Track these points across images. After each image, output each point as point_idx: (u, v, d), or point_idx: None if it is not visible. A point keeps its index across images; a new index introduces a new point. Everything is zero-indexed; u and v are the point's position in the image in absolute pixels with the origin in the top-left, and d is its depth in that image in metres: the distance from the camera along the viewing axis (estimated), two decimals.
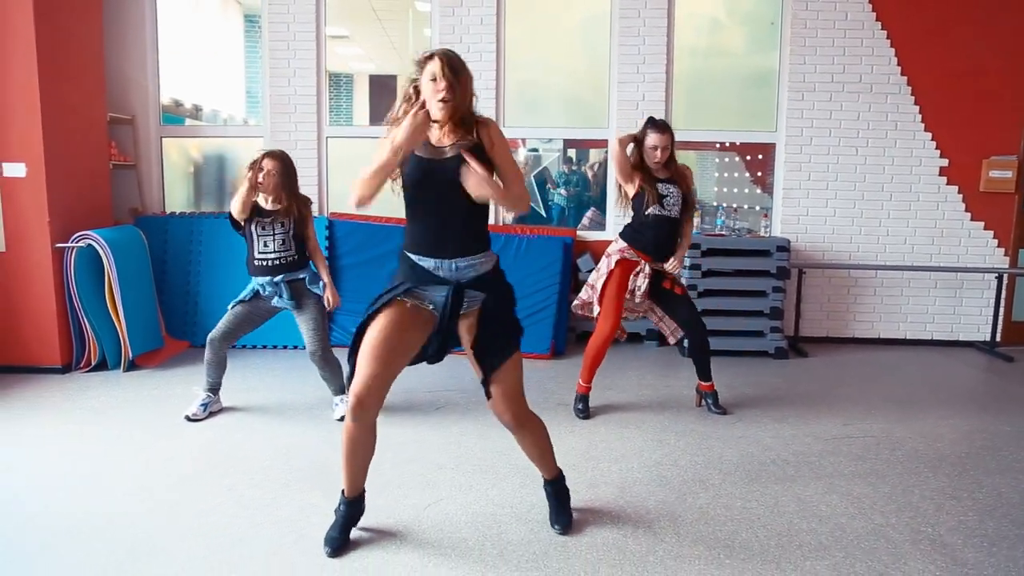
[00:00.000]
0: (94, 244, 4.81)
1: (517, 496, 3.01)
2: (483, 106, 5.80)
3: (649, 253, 4.02)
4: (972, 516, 2.92)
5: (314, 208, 5.84)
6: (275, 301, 3.90)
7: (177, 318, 5.63)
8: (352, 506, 2.66)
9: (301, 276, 3.94)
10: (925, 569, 2.51)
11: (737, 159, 6.58)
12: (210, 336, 3.98)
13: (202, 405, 3.98)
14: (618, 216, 5.95)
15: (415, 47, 7.29)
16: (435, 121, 2.40)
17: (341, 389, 4.02)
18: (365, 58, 10.08)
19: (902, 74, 5.78)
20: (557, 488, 2.79)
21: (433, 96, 2.37)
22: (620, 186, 4.10)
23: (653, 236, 3.99)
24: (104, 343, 4.87)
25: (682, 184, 4.03)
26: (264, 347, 5.56)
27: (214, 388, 4.05)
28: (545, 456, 2.76)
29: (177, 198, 6.30)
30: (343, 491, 2.66)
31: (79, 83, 5.08)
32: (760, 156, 6.46)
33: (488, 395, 2.55)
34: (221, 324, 3.97)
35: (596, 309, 4.06)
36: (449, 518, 2.82)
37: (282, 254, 3.88)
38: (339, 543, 2.59)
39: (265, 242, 3.86)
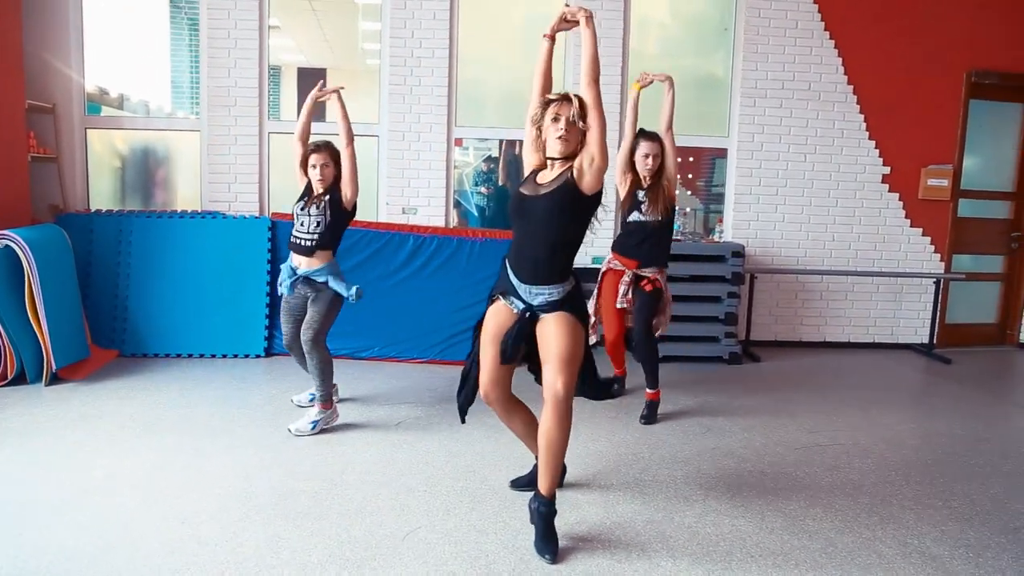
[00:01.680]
0: (12, 244, 4.37)
1: (499, 521, 2.86)
2: (435, 104, 5.66)
3: (632, 258, 4.16)
4: (952, 525, 2.94)
5: (254, 207, 5.61)
6: (284, 286, 3.86)
7: (104, 325, 5.21)
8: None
9: (323, 279, 3.80)
10: None
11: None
12: (284, 344, 4.00)
13: (311, 424, 3.74)
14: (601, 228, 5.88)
15: (361, 41, 7.02)
16: (551, 153, 2.66)
17: (325, 398, 3.78)
18: (295, 50, 9.69)
19: (848, 83, 5.91)
20: (549, 510, 2.65)
21: (553, 133, 2.62)
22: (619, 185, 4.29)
23: (631, 241, 4.16)
24: (23, 354, 4.43)
25: (659, 189, 4.12)
26: (202, 356, 5.21)
27: (327, 398, 3.81)
28: (558, 467, 2.68)
29: (102, 194, 5.84)
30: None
31: None
32: (691, 159, 6.48)
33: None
34: (282, 327, 4.00)
35: (599, 327, 4.32)
36: (432, 549, 2.64)
37: (312, 236, 3.79)
38: (523, 484, 3.08)
39: (302, 221, 3.82)
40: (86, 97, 5.59)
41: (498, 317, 2.75)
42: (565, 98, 2.63)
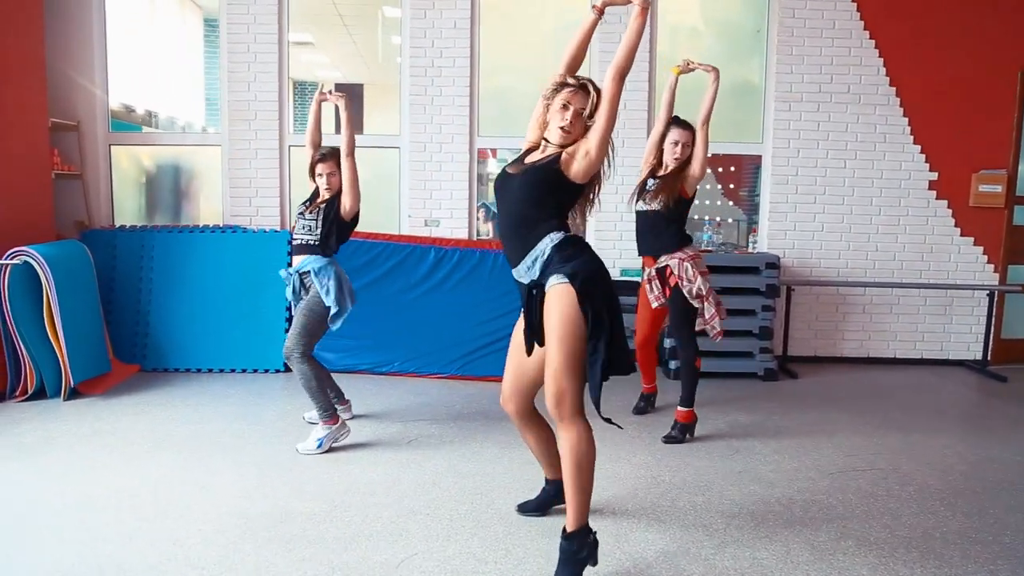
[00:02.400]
0: (31, 261, 4.38)
1: (501, 548, 2.68)
2: (456, 114, 5.56)
3: (644, 253, 4.07)
4: (1003, 565, 2.65)
5: (275, 221, 5.56)
6: (288, 292, 3.85)
7: (126, 340, 5.21)
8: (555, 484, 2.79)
9: (306, 268, 3.74)
10: None
11: (708, 171, 6.35)
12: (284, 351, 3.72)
13: (318, 441, 3.61)
14: (599, 231, 5.71)
15: (383, 55, 6.98)
16: (550, 139, 2.50)
17: (328, 414, 3.63)
18: (331, 66, 9.74)
19: (891, 85, 5.60)
20: (568, 546, 2.40)
21: (558, 121, 2.45)
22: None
23: (640, 233, 4.05)
24: (42, 369, 4.44)
25: (668, 176, 3.92)
26: (222, 371, 5.16)
27: (329, 413, 3.66)
28: (577, 491, 2.38)
29: (127, 210, 5.87)
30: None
31: (16, 86, 4.67)
32: (732, 168, 6.24)
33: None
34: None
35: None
36: None
37: (306, 237, 3.77)
38: (531, 508, 2.93)
39: (301, 224, 3.82)
40: (110, 114, 5.62)
41: (520, 322, 2.60)
42: (583, 88, 2.45)
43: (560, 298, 2.35)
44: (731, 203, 6.33)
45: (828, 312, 5.80)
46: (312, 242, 3.75)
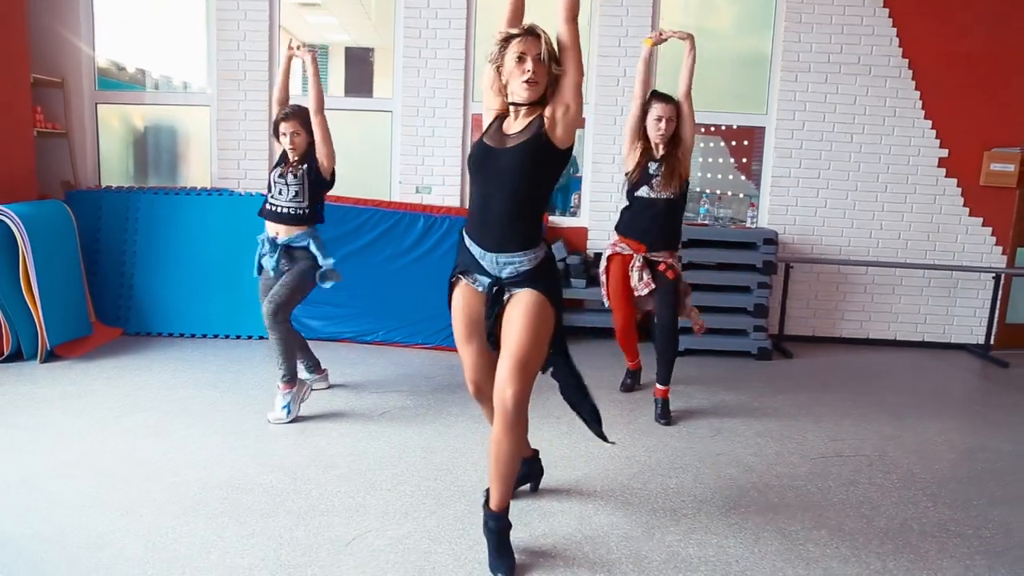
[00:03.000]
0: (6, 220, 4.30)
1: (458, 528, 2.59)
2: (451, 78, 5.39)
3: (641, 241, 3.81)
4: (980, 560, 2.54)
5: (264, 185, 5.41)
6: (264, 260, 3.68)
7: (110, 303, 5.14)
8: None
9: (300, 244, 3.64)
10: None
11: (722, 144, 6.17)
12: (264, 312, 3.58)
13: (284, 408, 3.54)
14: (594, 201, 5.56)
15: (387, 18, 6.78)
16: (517, 99, 2.31)
17: (289, 376, 3.55)
18: (339, 29, 9.53)
19: (903, 56, 5.36)
20: (499, 525, 2.37)
21: (519, 77, 2.27)
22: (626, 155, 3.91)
23: (641, 220, 3.80)
24: (19, 331, 4.38)
25: (673, 163, 3.75)
26: (205, 336, 5.09)
27: (290, 376, 3.58)
28: (510, 478, 2.35)
29: (115, 171, 5.77)
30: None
31: None
32: (745, 142, 6.04)
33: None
34: (263, 304, 3.62)
35: (606, 303, 4.04)
36: (375, 557, 2.39)
37: (293, 206, 3.62)
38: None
39: (280, 189, 3.63)
40: (97, 71, 5.50)
41: (468, 302, 2.42)
42: (530, 33, 2.28)
43: (541, 307, 2.31)
44: (743, 177, 6.14)
45: (828, 291, 5.63)
46: (300, 211, 3.63)
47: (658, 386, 3.82)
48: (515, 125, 2.34)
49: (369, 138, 5.85)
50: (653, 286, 3.79)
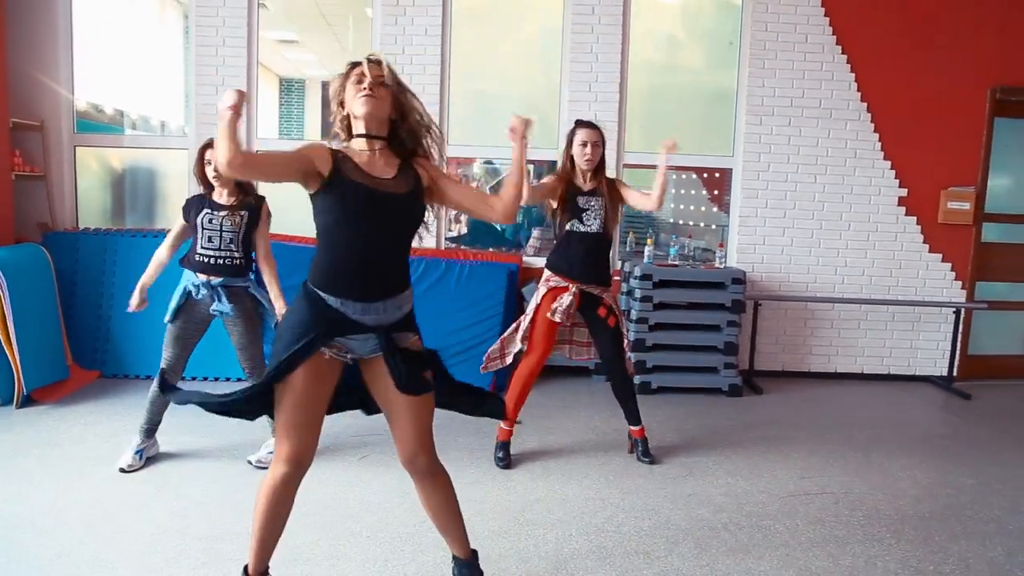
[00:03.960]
0: None
1: (438, 573, 2.65)
2: None
3: (573, 277, 3.64)
4: None
5: None
6: (213, 307, 3.48)
7: (87, 345, 5.14)
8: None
9: (240, 284, 3.53)
10: None
11: (695, 177, 6.36)
12: (163, 367, 3.50)
13: (137, 452, 3.54)
14: None
15: (361, 54, 6.93)
16: (357, 117, 2.17)
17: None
18: (317, 64, 9.65)
19: (862, 100, 5.60)
20: (473, 571, 2.43)
21: (355, 95, 2.15)
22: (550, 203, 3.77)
23: (574, 256, 3.64)
24: None
25: (612, 195, 3.71)
26: (183, 378, 5.08)
27: (151, 429, 3.60)
28: (458, 522, 2.41)
29: (92, 213, 5.79)
30: (247, 567, 2.30)
31: None
32: (717, 175, 6.24)
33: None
34: (168, 351, 3.55)
35: (517, 347, 3.72)
36: None
37: (225, 254, 3.48)
38: None
39: (210, 236, 3.46)
40: (75, 115, 5.55)
41: (322, 377, 2.14)
42: (374, 61, 2.20)
43: (428, 360, 2.27)
44: (715, 208, 6.32)
45: (796, 327, 5.79)
46: (232, 261, 3.49)
47: (632, 428, 3.88)
48: (379, 166, 2.18)
49: None
50: (567, 320, 3.64)
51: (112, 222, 5.90)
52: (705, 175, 6.36)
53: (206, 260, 3.48)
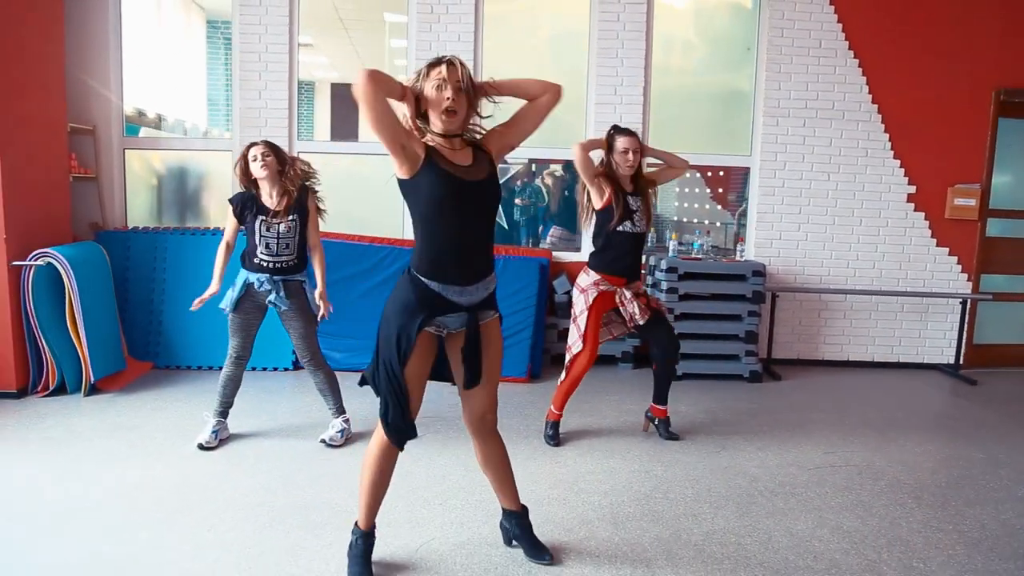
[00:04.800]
0: (54, 262, 4.59)
1: None
2: None
3: (624, 276, 3.91)
4: (960, 550, 2.94)
5: None
6: (271, 297, 3.75)
7: (140, 338, 5.41)
8: (370, 537, 2.64)
9: (298, 278, 3.82)
10: None
11: (698, 175, 6.66)
12: (233, 355, 3.81)
13: (213, 432, 3.83)
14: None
15: (389, 60, 7.21)
16: (440, 124, 2.35)
17: (341, 409, 3.93)
18: (329, 67, 9.93)
19: (873, 102, 5.90)
20: (524, 521, 2.77)
21: (439, 104, 2.32)
22: (587, 199, 3.94)
23: (625, 256, 3.89)
24: (63, 366, 4.65)
25: (648, 197, 4.00)
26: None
27: (224, 411, 3.90)
28: (512, 478, 2.76)
29: (139, 212, 6.08)
30: (358, 523, 2.63)
31: (39, 92, 4.86)
32: (721, 173, 6.55)
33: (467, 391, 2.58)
34: (234, 339, 3.82)
35: (578, 344, 3.92)
36: (443, 560, 2.73)
37: (283, 258, 3.76)
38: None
39: (267, 243, 3.72)
40: (124, 119, 5.83)
41: (430, 349, 2.47)
42: (448, 63, 2.35)
43: (499, 332, 2.59)
44: (719, 207, 6.63)
45: (811, 317, 6.10)
46: (289, 264, 3.77)
47: (658, 407, 4.16)
48: (459, 156, 2.38)
49: (382, 179, 6.23)
50: (641, 319, 3.91)
51: (157, 221, 6.18)
52: (709, 173, 6.67)
53: (265, 264, 3.75)
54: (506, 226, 6.70)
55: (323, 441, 3.86)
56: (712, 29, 6.33)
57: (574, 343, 3.94)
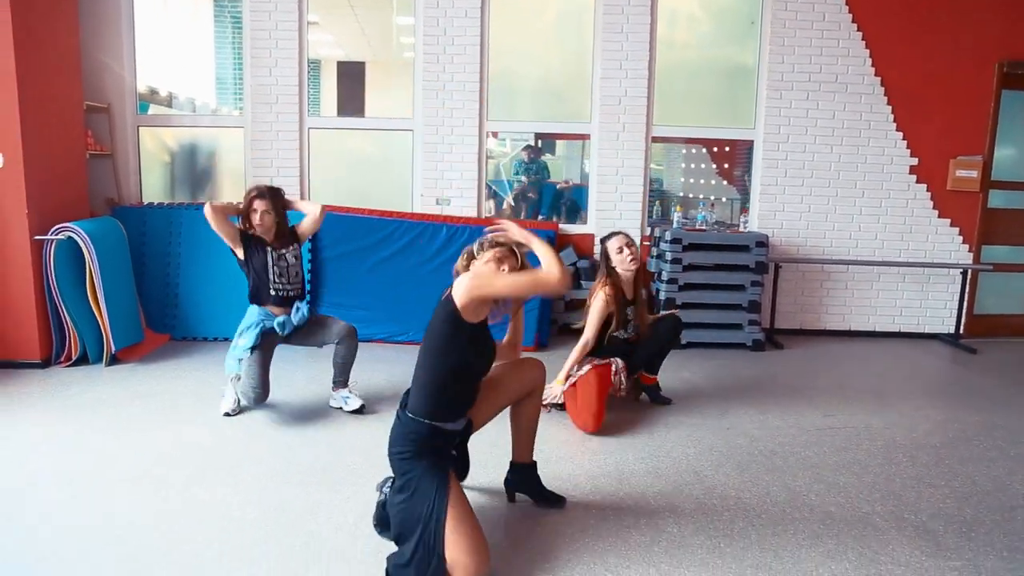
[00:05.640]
0: (75, 237, 4.72)
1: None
2: (467, 99, 5.87)
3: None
4: (950, 503, 3.07)
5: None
6: (295, 319, 3.93)
7: (157, 311, 5.56)
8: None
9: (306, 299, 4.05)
10: (911, 554, 2.65)
11: (704, 151, 6.72)
12: (255, 398, 3.83)
13: (236, 400, 3.94)
14: (600, 210, 6.08)
15: (397, 35, 7.28)
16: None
17: (346, 382, 4.05)
18: (334, 44, 9.98)
19: (876, 75, 5.95)
20: (534, 473, 2.95)
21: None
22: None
23: (615, 352, 3.94)
24: (85, 337, 4.80)
25: (642, 309, 4.03)
26: None
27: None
28: (534, 435, 2.95)
29: (153, 188, 6.20)
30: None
31: (56, 71, 4.97)
32: (727, 148, 6.61)
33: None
34: (251, 379, 3.82)
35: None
36: None
37: (296, 283, 3.99)
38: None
39: (280, 273, 3.92)
40: (137, 97, 5.93)
41: (456, 483, 2.51)
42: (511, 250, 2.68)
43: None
44: (725, 182, 6.69)
45: (813, 288, 6.20)
46: (302, 285, 4.04)
47: (648, 375, 4.23)
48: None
49: (390, 154, 6.35)
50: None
51: (170, 197, 6.30)
52: (715, 149, 6.73)
53: (283, 294, 3.94)
54: (512, 203, 6.79)
55: (342, 408, 4.00)
56: (716, 2, 6.37)
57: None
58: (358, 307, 5.58)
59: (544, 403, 3.65)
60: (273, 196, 3.95)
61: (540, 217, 6.47)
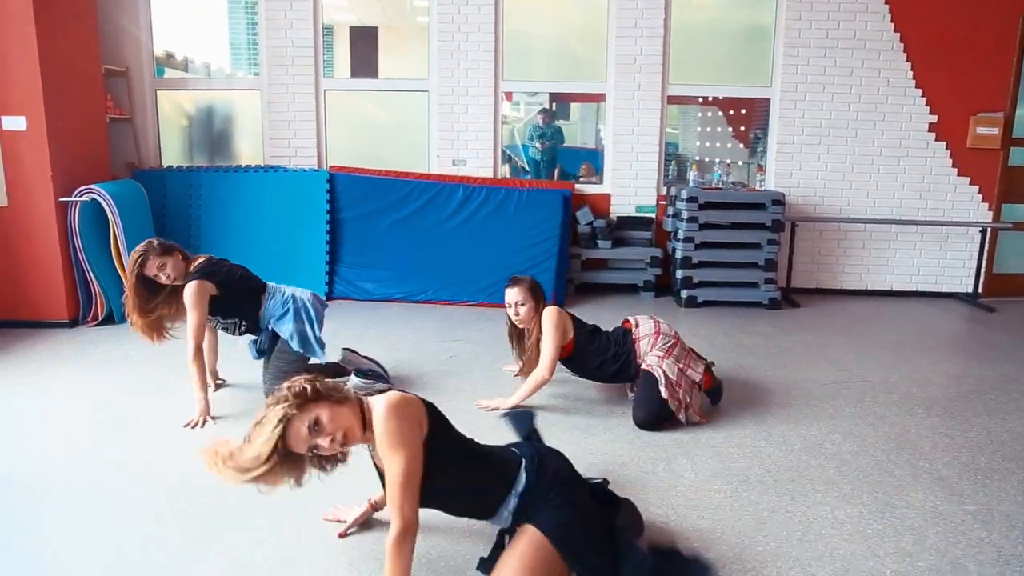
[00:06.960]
0: (98, 198, 4.79)
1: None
2: (482, 59, 5.86)
3: None
4: (965, 452, 3.11)
5: (312, 161, 5.93)
6: (251, 355, 3.73)
7: None
8: None
9: (268, 328, 3.67)
10: (926, 499, 2.70)
11: (720, 114, 6.68)
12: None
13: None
14: (616, 169, 6.08)
15: (409, 1, 7.23)
16: None
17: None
18: (347, 9, 9.90)
19: (895, 31, 5.87)
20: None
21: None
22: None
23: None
24: (110, 297, 4.90)
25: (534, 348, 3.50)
26: None
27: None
28: None
29: (172, 152, 6.25)
30: None
31: (74, 34, 4.99)
32: (743, 111, 6.57)
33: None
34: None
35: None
36: None
37: (242, 329, 3.69)
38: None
39: (225, 328, 3.68)
40: (155, 60, 5.96)
41: None
42: None
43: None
44: (740, 145, 6.66)
45: (830, 247, 6.19)
46: (246, 325, 3.65)
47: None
48: None
49: (406, 116, 6.35)
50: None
51: (189, 160, 6.35)
52: (731, 111, 6.69)
53: (233, 332, 3.70)
54: (526, 167, 6.80)
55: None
56: None
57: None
58: (376, 267, 5.65)
59: (491, 407, 3.48)
60: (161, 249, 3.56)
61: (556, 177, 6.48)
